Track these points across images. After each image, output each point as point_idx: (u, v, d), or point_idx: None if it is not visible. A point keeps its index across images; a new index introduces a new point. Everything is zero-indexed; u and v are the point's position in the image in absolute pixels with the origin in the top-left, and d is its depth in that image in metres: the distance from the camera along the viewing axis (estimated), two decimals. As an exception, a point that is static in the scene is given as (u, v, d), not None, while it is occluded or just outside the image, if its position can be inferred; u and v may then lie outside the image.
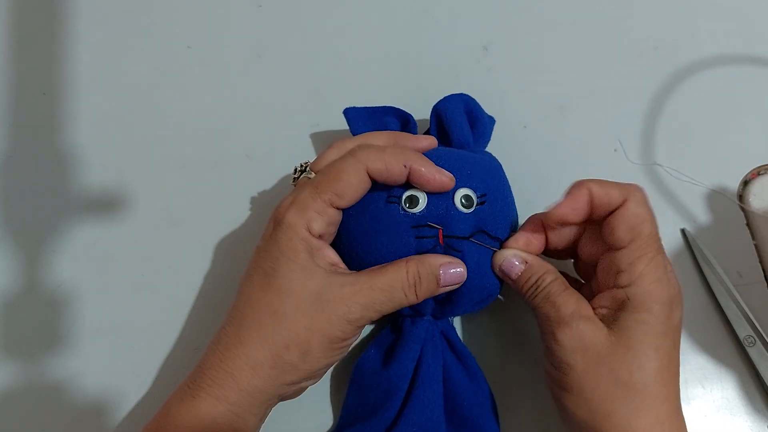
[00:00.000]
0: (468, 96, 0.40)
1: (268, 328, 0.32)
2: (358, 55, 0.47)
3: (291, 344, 0.32)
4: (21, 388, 0.39)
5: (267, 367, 0.32)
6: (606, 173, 0.43)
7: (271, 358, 0.32)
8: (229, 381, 0.32)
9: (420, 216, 0.35)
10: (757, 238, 0.42)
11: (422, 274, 0.33)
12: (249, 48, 0.47)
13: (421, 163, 0.34)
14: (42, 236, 0.42)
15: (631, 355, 0.31)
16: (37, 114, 0.45)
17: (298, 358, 0.32)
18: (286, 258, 0.33)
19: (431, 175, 0.34)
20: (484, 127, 0.41)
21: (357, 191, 0.34)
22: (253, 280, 0.34)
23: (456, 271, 0.34)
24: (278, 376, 0.32)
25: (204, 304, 0.41)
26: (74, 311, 0.41)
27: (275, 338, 0.32)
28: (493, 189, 0.36)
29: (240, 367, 0.32)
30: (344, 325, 0.32)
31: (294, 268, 0.33)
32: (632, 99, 0.46)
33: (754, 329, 0.39)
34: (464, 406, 0.36)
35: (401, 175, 0.34)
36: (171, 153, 0.45)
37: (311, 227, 0.33)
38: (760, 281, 0.41)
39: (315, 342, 0.32)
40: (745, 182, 0.43)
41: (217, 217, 0.43)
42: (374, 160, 0.34)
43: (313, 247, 0.33)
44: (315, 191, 0.33)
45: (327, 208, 0.34)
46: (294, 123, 0.45)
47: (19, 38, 0.47)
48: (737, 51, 0.47)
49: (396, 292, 0.33)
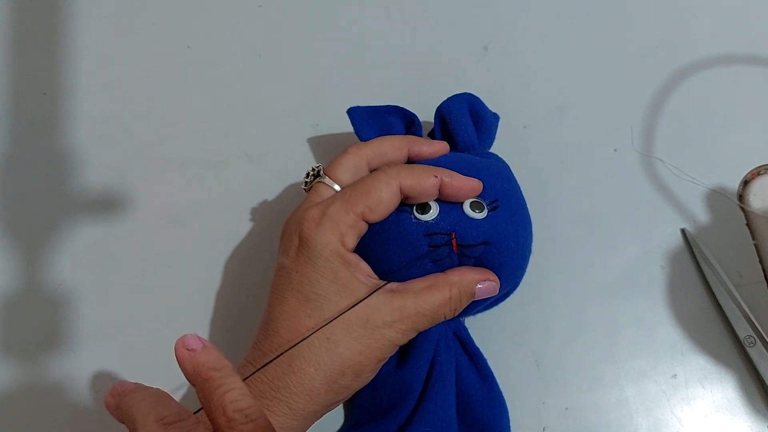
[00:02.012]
0: (471, 95, 0.40)
1: (323, 357, 0.32)
2: (358, 55, 0.47)
3: (346, 370, 0.32)
4: (21, 388, 0.39)
5: (323, 393, 0.32)
6: (606, 173, 0.44)
7: (327, 384, 0.32)
8: (285, 410, 0.31)
9: (432, 224, 0.34)
10: (757, 238, 0.42)
11: (462, 295, 0.34)
12: (249, 48, 0.47)
13: (448, 173, 0.34)
14: (42, 236, 0.42)
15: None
16: (37, 114, 0.45)
17: (352, 381, 0.32)
18: (327, 280, 0.32)
19: (463, 183, 0.34)
20: (488, 127, 0.41)
21: (388, 207, 0.34)
22: (291, 305, 0.33)
23: (490, 284, 0.34)
24: (333, 399, 0.32)
25: (204, 304, 0.41)
26: (74, 311, 0.41)
27: (331, 366, 0.32)
28: (503, 193, 0.36)
29: (296, 395, 0.31)
30: (392, 348, 0.33)
31: (338, 290, 0.32)
32: (632, 99, 0.45)
33: (754, 329, 0.39)
34: (476, 407, 0.36)
35: (434, 187, 0.34)
36: (171, 153, 0.45)
37: (345, 242, 0.33)
38: (760, 281, 0.41)
39: (367, 364, 0.32)
40: (745, 182, 0.43)
41: (217, 217, 0.43)
42: (406, 177, 0.33)
43: (351, 262, 0.33)
44: (347, 205, 0.33)
45: (359, 222, 0.33)
46: (294, 123, 0.45)
47: (19, 38, 0.47)
48: (737, 51, 0.46)
49: (439, 317, 0.34)
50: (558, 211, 0.43)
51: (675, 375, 0.39)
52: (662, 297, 0.41)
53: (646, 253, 0.42)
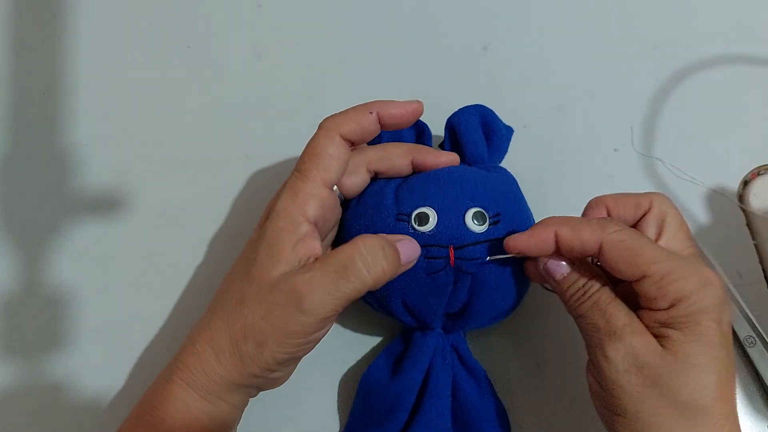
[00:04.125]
0: (484, 107, 0.39)
1: (232, 315, 0.32)
2: (358, 55, 0.47)
3: (248, 334, 0.31)
4: (21, 387, 0.39)
5: (228, 355, 0.31)
6: (606, 173, 0.44)
7: (231, 346, 0.31)
8: (197, 366, 0.32)
9: (430, 236, 0.33)
10: (757, 238, 0.42)
11: (379, 245, 0.31)
12: (249, 48, 0.47)
13: (382, 104, 0.34)
14: (42, 236, 0.42)
15: (690, 374, 0.28)
16: (37, 114, 0.45)
17: (254, 350, 0.31)
18: (265, 246, 0.32)
19: (400, 107, 0.34)
20: (500, 141, 0.39)
21: (339, 161, 0.33)
22: (234, 267, 0.34)
23: (410, 245, 0.32)
24: (239, 366, 0.31)
25: (204, 304, 0.41)
26: (74, 311, 0.41)
27: (235, 326, 0.31)
28: (506, 208, 0.35)
29: (206, 352, 0.32)
30: (298, 317, 0.30)
31: (268, 258, 0.32)
32: (632, 99, 0.45)
33: (754, 329, 0.39)
34: (474, 421, 0.35)
35: (373, 123, 0.34)
36: (171, 153, 0.45)
37: (306, 211, 0.32)
38: (760, 281, 0.41)
39: (269, 333, 0.31)
40: (745, 182, 0.43)
41: (217, 217, 0.43)
42: (342, 123, 0.33)
43: (300, 234, 0.32)
44: (300, 174, 0.33)
45: (318, 187, 0.33)
46: (294, 123, 0.45)
47: (19, 38, 0.47)
48: (737, 51, 0.46)
49: (354, 272, 0.30)
50: (558, 211, 0.42)
51: (675, 375, 0.39)
52: (662, 297, 0.41)
53: (646, 253, 0.42)
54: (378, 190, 0.36)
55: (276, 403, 0.38)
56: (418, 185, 0.35)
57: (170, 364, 0.33)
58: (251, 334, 0.31)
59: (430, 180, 0.35)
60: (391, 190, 0.36)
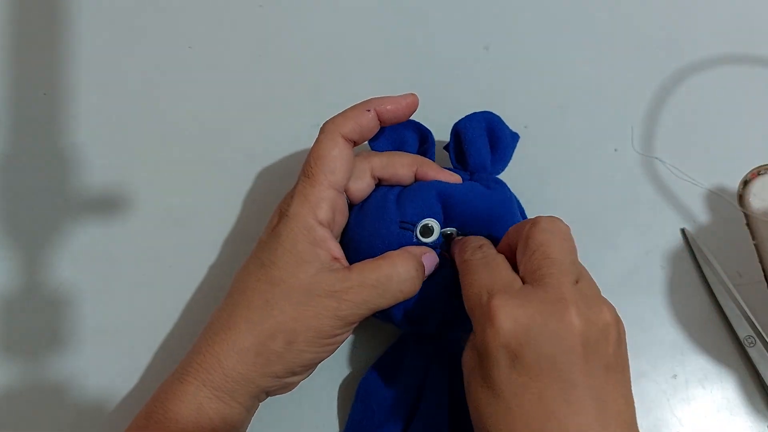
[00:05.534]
0: (491, 114, 0.39)
1: (257, 316, 0.32)
2: (358, 55, 0.47)
3: (277, 333, 0.32)
4: (22, 387, 0.39)
5: (252, 354, 0.32)
6: (606, 173, 0.44)
7: (257, 345, 0.32)
8: (216, 365, 0.32)
9: (433, 246, 0.35)
10: (757, 238, 0.42)
11: (413, 267, 0.33)
12: (249, 48, 0.47)
13: (379, 101, 0.35)
14: (42, 236, 0.42)
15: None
16: (37, 114, 0.45)
17: (283, 348, 0.32)
18: (284, 249, 0.33)
19: (397, 102, 0.35)
20: (504, 149, 0.39)
21: (344, 161, 0.34)
22: (249, 270, 0.34)
23: (430, 256, 0.35)
24: (263, 365, 0.32)
25: (204, 304, 0.41)
26: (75, 311, 0.41)
27: (263, 326, 0.32)
28: (502, 228, 0.35)
29: (226, 351, 0.32)
30: (333, 321, 0.32)
31: (290, 260, 0.32)
32: (632, 99, 0.45)
33: (754, 329, 0.39)
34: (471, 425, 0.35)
35: (372, 121, 0.35)
36: (171, 153, 0.45)
37: (317, 215, 0.33)
38: (760, 281, 0.41)
39: (301, 333, 0.32)
40: (745, 182, 0.43)
41: (217, 217, 0.43)
42: (342, 124, 0.34)
43: (317, 238, 0.33)
44: (308, 179, 0.34)
45: (327, 190, 0.34)
46: (294, 123, 0.45)
47: (19, 38, 0.47)
48: (737, 51, 0.47)
49: (389, 289, 0.33)
50: (558, 211, 0.42)
51: (675, 375, 0.39)
52: (662, 297, 0.41)
53: (646, 253, 0.42)
54: (381, 197, 0.37)
55: (276, 407, 0.38)
56: (420, 194, 0.36)
57: (183, 365, 0.33)
58: (281, 333, 0.32)
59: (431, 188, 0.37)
60: (393, 196, 0.36)
